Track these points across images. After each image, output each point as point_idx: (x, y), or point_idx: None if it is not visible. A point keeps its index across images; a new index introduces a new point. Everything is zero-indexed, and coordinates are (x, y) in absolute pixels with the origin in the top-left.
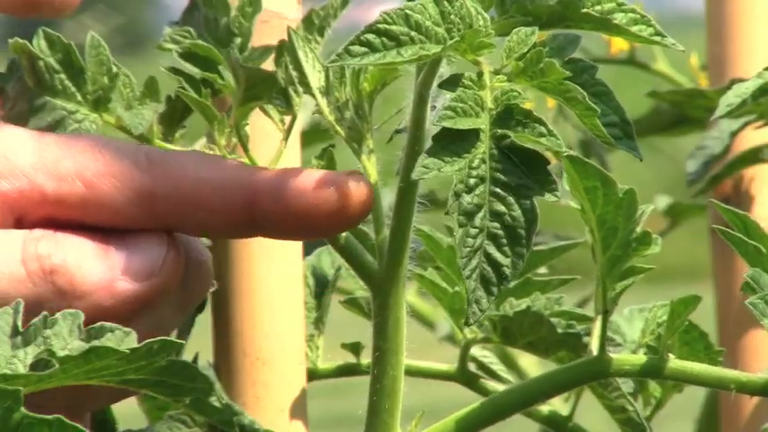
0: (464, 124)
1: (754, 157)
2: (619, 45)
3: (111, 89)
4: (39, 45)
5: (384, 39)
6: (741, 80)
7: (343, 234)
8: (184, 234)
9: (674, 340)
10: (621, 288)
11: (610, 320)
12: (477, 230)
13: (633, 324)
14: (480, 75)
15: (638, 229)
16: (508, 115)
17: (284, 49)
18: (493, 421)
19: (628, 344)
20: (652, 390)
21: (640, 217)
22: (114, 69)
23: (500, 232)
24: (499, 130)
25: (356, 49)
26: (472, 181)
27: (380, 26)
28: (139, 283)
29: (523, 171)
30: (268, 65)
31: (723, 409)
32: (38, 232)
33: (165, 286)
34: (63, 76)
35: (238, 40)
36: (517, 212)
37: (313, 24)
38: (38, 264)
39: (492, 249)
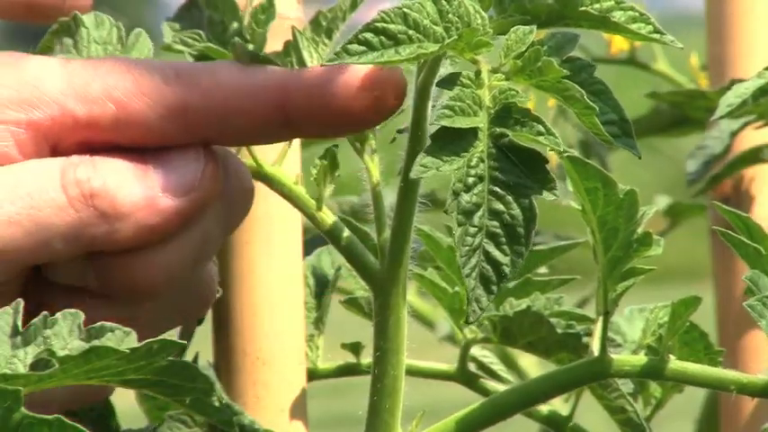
0: (462, 123)
1: (754, 157)
2: (619, 45)
3: None
4: (86, 20)
5: (382, 37)
6: (741, 80)
7: (345, 234)
8: (222, 146)
9: (675, 341)
10: (622, 289)
11: (610, 321)
12: (476, 229)
13: (634, 324)
14: (478, 73)
15: (640, 230)
16: (506, 114)
17: (290, 50)
18: (493, 421)
19: (628, 344)
20: (652, 390)
21: (641, 218)
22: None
23: (499, 231)
24: (498, 129)
25: (354, 47)
26: (471, 180)
27: (378, 25)
28: (180, 198)
29: (522, 170)
30: None
31: (723, 410)
32: (75, 158)
33: (206, 199)
34: (100, 47)
35: (251, 47)
36: (516, 211)
37: (320, 26)
38: (78, 189)
39: (491, 248)
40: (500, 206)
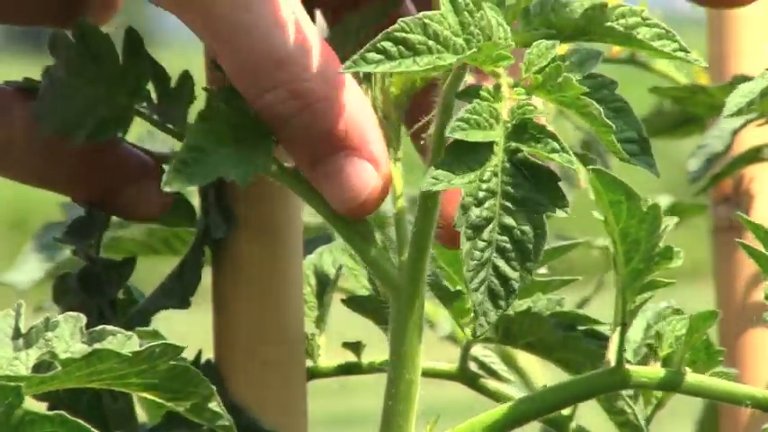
0: (476, 136)
1: (754, 156)
2: None
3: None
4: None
5: (401, 47)
6: (744, 77)
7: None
8: None
9: None
10: (641, 301)
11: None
12: (485, 244)
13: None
14: (498, 87)
15: (661, 244)
16: (522, 129)
17: None
18: (507, 430)
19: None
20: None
21: (664, 231)
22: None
23: (509, 246)
24: (513, 144)
25: (372, 56)
26: (482, 194)
27: (398, 34)
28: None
29: (534, 186)
30: None
31: (723, 410)
32: None
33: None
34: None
35: None
36: (527, 227)
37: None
38: None
39: (501, 263)
40: (511, 221)
